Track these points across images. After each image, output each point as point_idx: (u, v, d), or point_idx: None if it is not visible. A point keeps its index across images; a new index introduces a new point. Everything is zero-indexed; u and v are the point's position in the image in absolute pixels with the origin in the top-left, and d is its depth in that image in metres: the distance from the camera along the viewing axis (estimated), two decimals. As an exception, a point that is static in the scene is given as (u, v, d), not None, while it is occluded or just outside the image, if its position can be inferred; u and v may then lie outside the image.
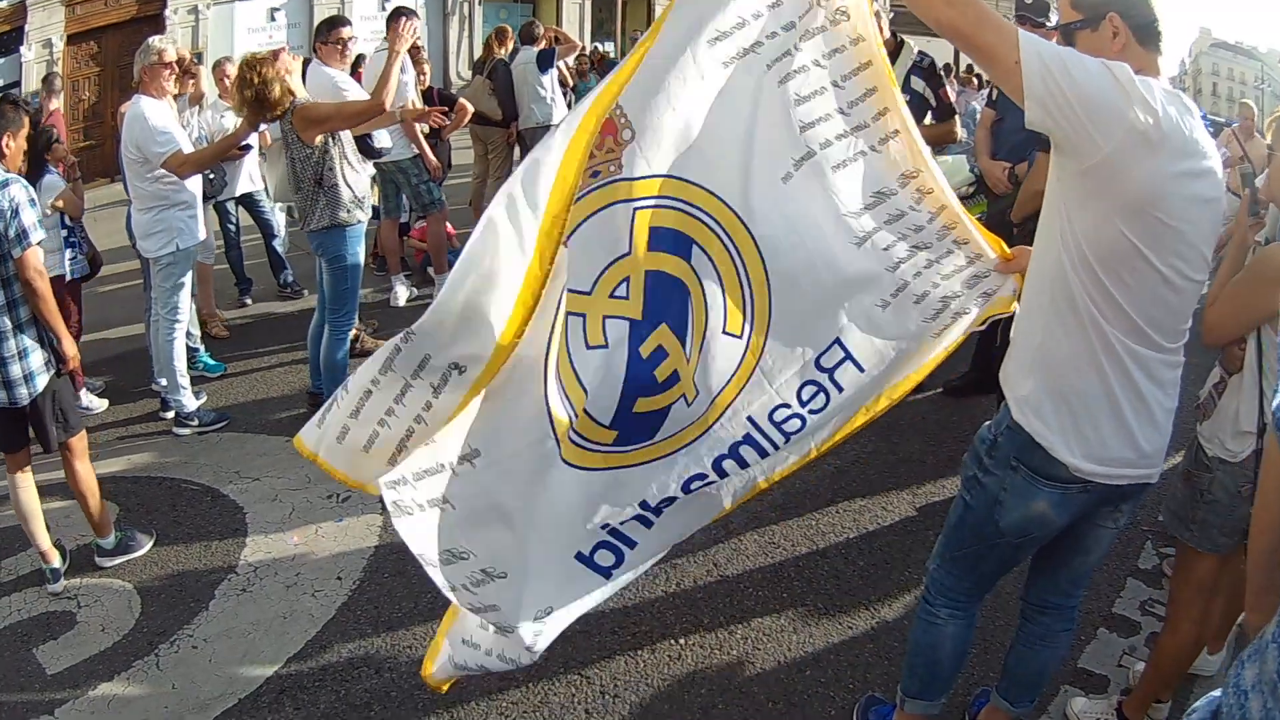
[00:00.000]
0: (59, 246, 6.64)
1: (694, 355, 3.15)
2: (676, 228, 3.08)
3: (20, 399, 4.53)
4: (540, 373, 3.06)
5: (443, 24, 23.99)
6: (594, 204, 3.02)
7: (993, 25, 2.55)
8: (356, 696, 4.14)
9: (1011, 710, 3.62)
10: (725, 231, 3.11)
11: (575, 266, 3.03)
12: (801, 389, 3.29)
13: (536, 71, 10.87)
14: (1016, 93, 2.53)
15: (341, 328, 6.50)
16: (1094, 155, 2.53)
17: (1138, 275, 2.65)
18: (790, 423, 3.31)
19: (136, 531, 5.18)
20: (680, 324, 3.14)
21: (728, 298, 3.14)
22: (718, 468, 3.29)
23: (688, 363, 3.14)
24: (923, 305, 3.32)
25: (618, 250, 3.06)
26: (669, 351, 3.12)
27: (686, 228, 3.10)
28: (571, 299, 3.03)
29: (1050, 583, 3.39)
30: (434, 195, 9.28)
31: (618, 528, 3.28)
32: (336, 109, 6.03)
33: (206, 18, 20.20)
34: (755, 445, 3.31)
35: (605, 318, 3.08)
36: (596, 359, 3.09)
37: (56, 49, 18.25)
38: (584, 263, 3.04)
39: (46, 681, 4.28)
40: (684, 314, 3.14)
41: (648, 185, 3.04)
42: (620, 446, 3.18)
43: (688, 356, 3.14)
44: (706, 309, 3.13)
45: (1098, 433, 2.83)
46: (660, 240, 3.08)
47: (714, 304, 3.13)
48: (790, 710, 4.04)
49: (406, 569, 4.97)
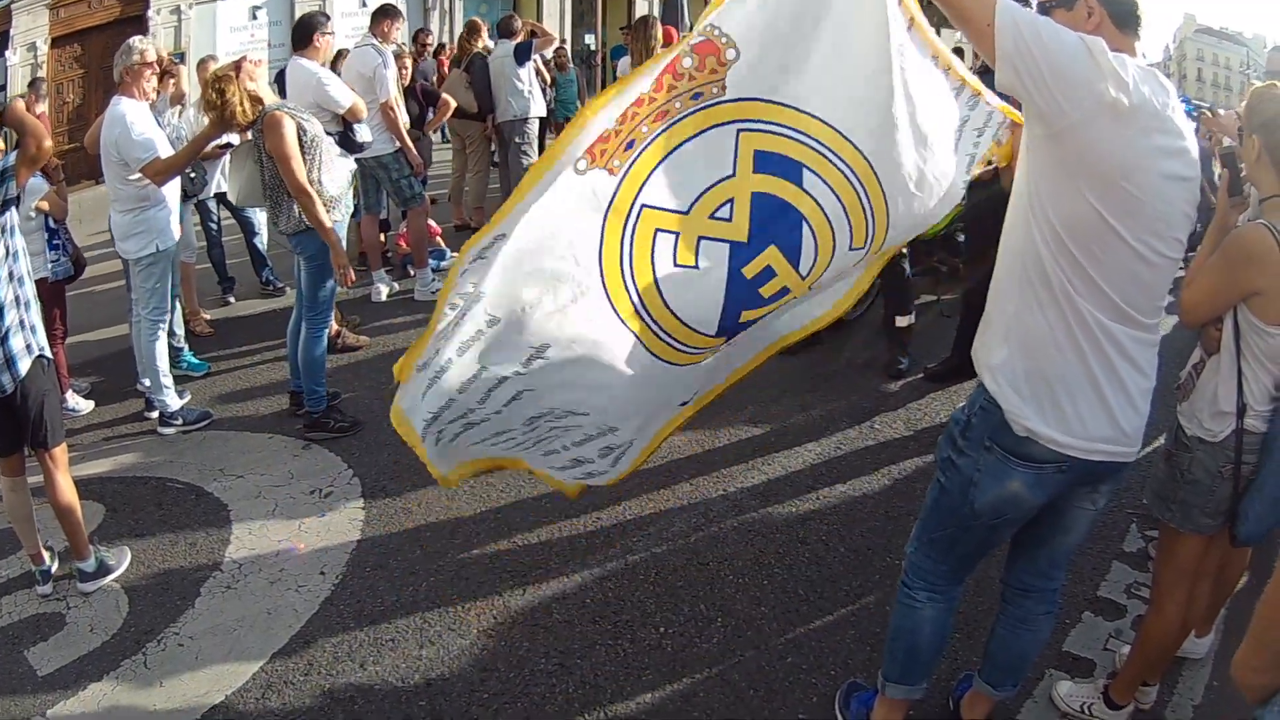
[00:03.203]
0: (43, 248, 6.61)
1: (815, 273, 3.24)
2: (785, 153, 3.12)
3: (4, 386, 4.49)
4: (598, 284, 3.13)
5: (423, 18, 23.96)
6: (697, 125, 3.05)
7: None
8: (341, 690, 4.14)
9: (994, 694, 3.63)
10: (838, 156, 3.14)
11: (670, 185, 3.07)
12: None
13: (514, 65, 10.85)
14: (990, 54, 2.55)
15: (318, 325, 6.49)
16: (1060, 121, 2.54)
17: (1109, 249, 2.65)
18: None
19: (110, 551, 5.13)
20: (792, 246, 3.18)
21: (850, 217, 3.19)
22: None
23: (802, 280, 3.24)
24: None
25: (721, 172, 3.10)
26: (777, 271, 3.19)
27: (796, 153, 3.13)
28: (662, 216, 3.07)
29: (1030, 565, 3.39)
30: (415, 190, 9.28)
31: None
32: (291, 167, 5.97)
33: (189, 17, 20.16)
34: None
35: (701, 239, 3.13)
36: (682, 277, 3.15)
37: (41, 52, 18.22)
38: (682, 181, 3.08)
39: (38, 683, 4.27)
40: (796, 237, 3.17)
41: (753, 107, 3.08)
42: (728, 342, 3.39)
43: (803, 275, 3.21)
44: (832, 230, 3.18)
45: (1074, 408, 2.83)
46: (768, 163, 3.11)
47: (839, 224, 3.18)
48: (772, 697, 4.04)
49: (389, 563, 4.99)
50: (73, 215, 7.26)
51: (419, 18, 23.78)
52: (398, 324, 8.90)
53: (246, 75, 6.02)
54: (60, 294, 7.02)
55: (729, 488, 5.69)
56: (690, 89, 3.01)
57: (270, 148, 5.96)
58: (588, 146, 3.02)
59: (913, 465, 5.94)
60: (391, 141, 8.94)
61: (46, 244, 6.66)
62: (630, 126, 3.02)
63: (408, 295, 9.69)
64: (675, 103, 3.04)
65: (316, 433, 6.54)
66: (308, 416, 6.60)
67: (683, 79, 3.01)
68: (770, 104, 3.08)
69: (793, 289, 3.23)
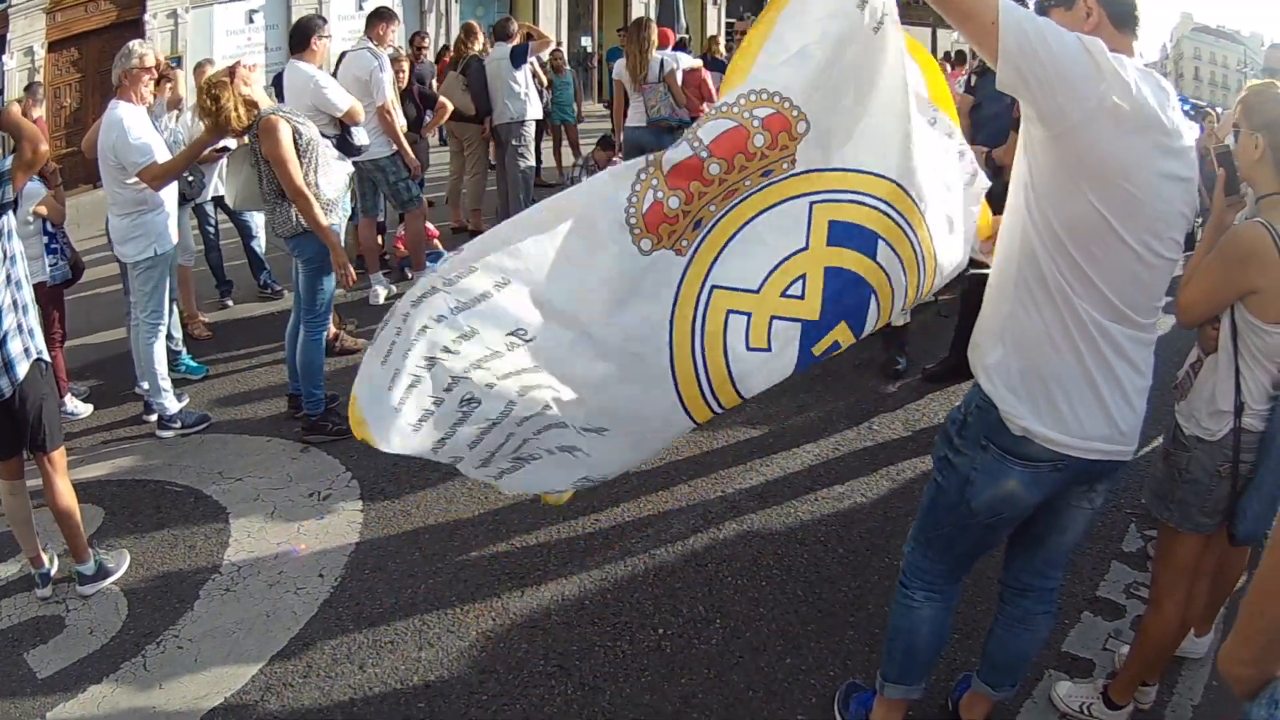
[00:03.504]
0: (41, 252, 6.60)
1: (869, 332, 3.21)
2: (860, 222, 3.04)
3: (3, 390, 4.49)
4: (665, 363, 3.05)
5: (420, 21, 23.96)
6: (767, 200, 2.97)
7: None
8: (340, 692, 4.14)
9: (993, 695, 3.63)
10: (899, 213, 3.09)
11: (741, 263, 2.99)
12: None
13: (510, 68, 10.86)
14: (991, 54, 2.53)
15: (316, 328, 6.50)
16: (1062, 123, 2.53)
17: (1107, 249, 2.65)
18: None
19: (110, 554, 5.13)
20: (859, 321, 3.13)
21: (908, 279, 3.15)
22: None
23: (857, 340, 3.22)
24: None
25: (793, 245, 3.02)
26: (842, 344, 3.14)
27: (871, 222, 3.05)
28: (733, 296, 2.99)
29: (1027, 564, 3.39)
30: (412, 193, 9.28)
31: None
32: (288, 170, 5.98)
33: (186, 21, 20.13)
34: None
35: (774, 318, 3.05)
36: (755, 361, 3.08)
37: (38, 56, 18.18)
38: (752, 259, 3.00)
39: (38, 685, 4.27)
40: (864, 309, 3.12)
41: (823, 178, 3.00)
42: None
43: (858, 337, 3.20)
44: (893, 299, 3.15)
45: (1071, 407, 2.83)
46: (842, 235, 3.03)
47: (899, 289, 3.14)
48: (771, 698, 4.04)
49: (387, 565, 4.99)
50: (71, 219, 7.26)
51: (415, 20, 23.77)
52: (396, 327, 8.81)
53: (241, 80, 6.02)
54: (59, 298, 7.01)
55: (727, 489, 5.70)
56: (761, 167, 2.92)
57: (266, 152, 5.97)
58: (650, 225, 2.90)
59: (911, 466, 5.94)
60: (388, 145, 8.93)
61: (45, 248, 6.65)
62: (698, 205, 2.91)
63: (405, 298, 9.64)
64: (745, 180, 2.95)
65: (315, 435, 6.54)
66: (306, 419, 6.60)
67: (755, 158, 2.90)
68: (837, 172, 3.02)
69: (842, 344, 3.18)
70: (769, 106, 2.83)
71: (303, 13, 18.33)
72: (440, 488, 5.80)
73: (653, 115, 10.13)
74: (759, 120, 2.83)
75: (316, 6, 21.69)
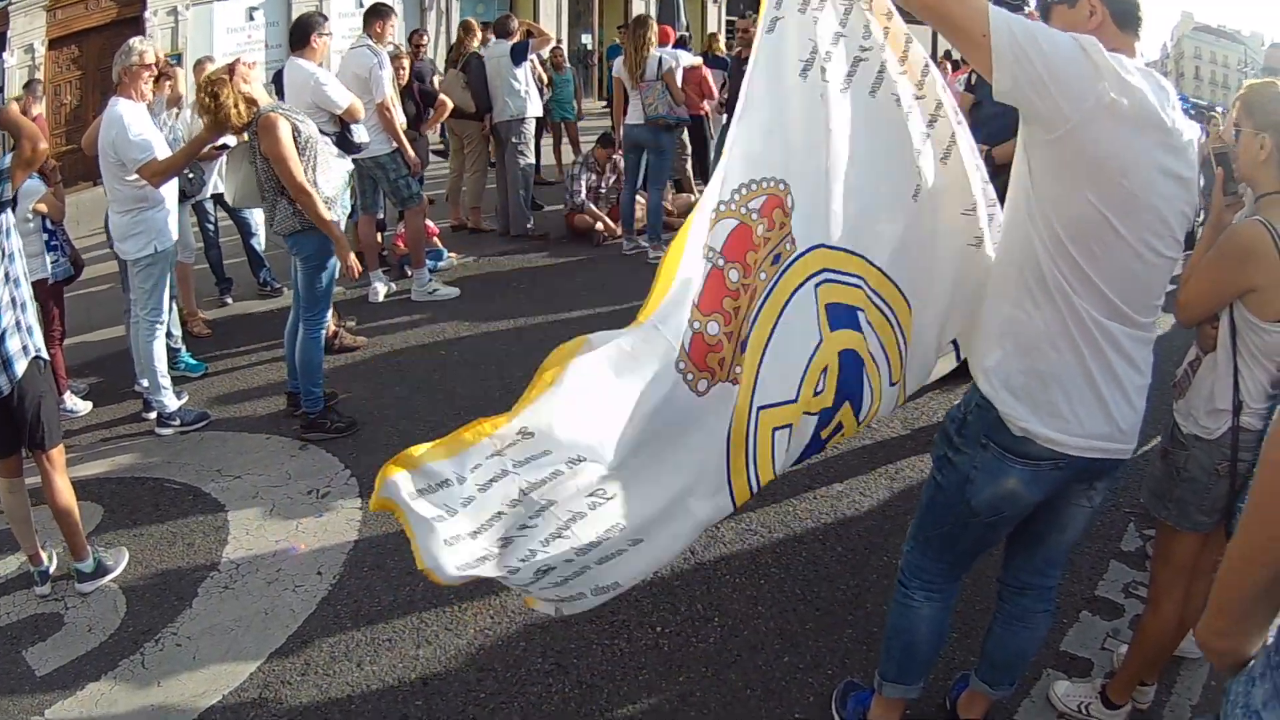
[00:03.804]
0: (41, 250, 6.62)
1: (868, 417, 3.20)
2: (844, 300, 3.02)
3: (1, 388, 4.48)
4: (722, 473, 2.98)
5: (420, 18, 23.95)
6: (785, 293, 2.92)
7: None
8: (337, 690, 4.14)
9: (991, 693, 3.63)
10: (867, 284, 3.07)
11: (778, 378, 2.94)
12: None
13: (510, 65, 10.89)
14: (985, 65, 2.53)
15: (315, 326, 6.50)
16: (1062, 125, 2.53)
17: (1107, 247, 2.65)
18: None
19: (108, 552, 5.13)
20: (858, 399, 3.11)
21: (888, 352, 3.12)
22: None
23: (859, 424, 3.20)
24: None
25: (812, 341, 3.00)
26: (845, 426, 3.13)
27: (849, 297, 3.03)
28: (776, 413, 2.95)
29: (1026, 563, 3.39)
30: (412, 190, 9.28)
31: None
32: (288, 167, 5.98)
33: (186, 18, 20.13)
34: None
35: (805, 414, 3.03)
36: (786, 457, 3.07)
37: (38, 54, 18.19)
38: (785, 370, 2.96)
39: (36, 683, 4.27)
40: (860, 387, 3.11)
41: (817, 258, 2.98)
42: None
43: (860, 420, 3.16)
44: (879, 371, 3.13)
45: (1070, 406, 2.82)
46: (837, 317, 3.01)
47: (881, 365, 3.12)
48: (768, 697, 4.03)
49: (385, 563, 4.99)
50: (70, 216, 7.27)
51: (416, 18, 23.77)
52: (395, 324, 8.91)
53: (240, 78, 6.02)
54: (59, 295, 7.03)
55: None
56: (770, 254, 2.89)
57: (266, 149, 5.97)
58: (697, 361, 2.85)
59: (910, 464, 5.93)
60: (388, 142, 8.94)
61: (44, 245, 6.68)
62: (738, 325, 2.87)
63: (405, 295, 9.70)
64: (760, 274, 2.91)
65: (314, 433, 6.54)
66: (305, 417, 6.60)
67: (760, 248, 2.88)
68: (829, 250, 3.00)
69: (846, 428, 3.18)
70: (761, 195, 2.82)
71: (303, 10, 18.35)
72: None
73: (649, 113, 10.13)
74: (755, 212, 2.82)
75: (317, 4, 21.71)
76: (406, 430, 6.55)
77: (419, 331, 8.68)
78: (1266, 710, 1.61)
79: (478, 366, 7.72)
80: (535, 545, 2.93)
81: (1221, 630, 1.77)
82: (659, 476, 2.94)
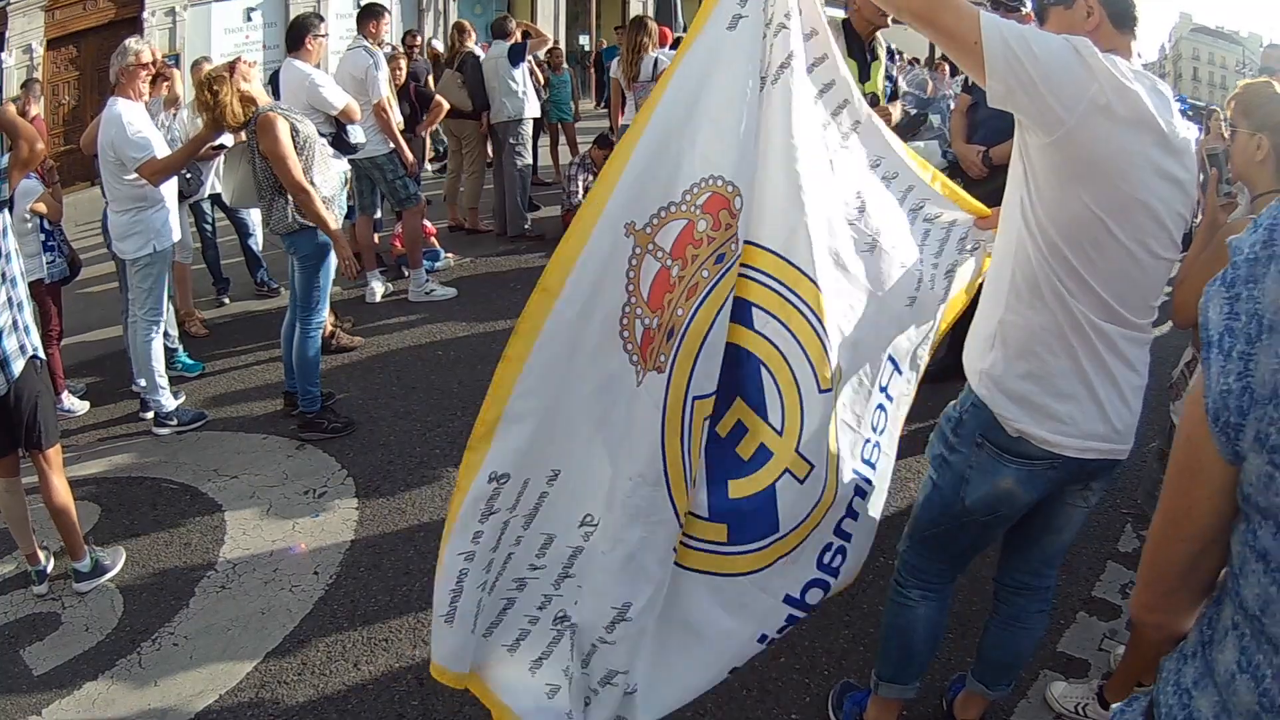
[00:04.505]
0: (38, 250, 6.63)
1: (790, 425, 2.95)
2: (740, 294, 2.88)
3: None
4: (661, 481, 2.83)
5: (417, 18, 23.96)
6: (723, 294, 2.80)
7: (950, 6, 2.55)
8: (334, 690, 4.14)
9: (988, 694, 3.63)
10: (783, 284, 2.92)
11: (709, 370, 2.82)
12: (875, 416, 3.25)
13: (508, 65, 10.88)
14: (978, 72, 2.53)
15: (312, 326, 6.50)
16: (1058, 129, 2.52)
17: (1103, 250, 2.64)
18: (871, 453, 3.26)
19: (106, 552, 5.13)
20: (756, 396, 2.95)
21: (808, 353, 2.93)
22: (839, 532, 3.18)
23: (780, 436, 2.94)
24: (935, 285, 3.34)
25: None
26: (749, 427, 2.95)
27: (744, 291, 2.89)
28: (706, 404, 2.83)
29: (1022, 562, 3.39)
30: (410, 190, 9.29)
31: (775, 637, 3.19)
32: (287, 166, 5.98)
33: (184, 19, 20.14)
34: (861, 492, 3.20)
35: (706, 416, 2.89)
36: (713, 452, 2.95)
37: (36, 54, 18.20)
38: (711, 368, 2.83)
39: (34, 682, 4.28)
40: (758, 385, 2.94)
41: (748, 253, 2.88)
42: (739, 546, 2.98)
43: (778, 429, 2.94)
44: (793, 372, 2.94)
45: (1066, 407, 2.82)
46: (741, 314, 2.90)
47: (798, 364, 2.93)
48: (765, 697, 4.04)
49: (382, 563, 4.99)
50: (68, 217, 7.28)
51: (413, 18, 23.79)
52: (392, 325, 8.91)
53: (241, 76, 6.03)
54: (56, 295, 7.04)
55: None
56: (712, 252, 2.78)
57: (264, 149, 5.97)
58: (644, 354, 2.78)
59: (905, 464, 5.90)
60: (385, 142, 8.95)
61: (42, 245, 6.68)
62: (669, 316, 2.77)
63: (402, 296, 9.70)
64: (702, 272, 2.79)
65: (311, 433, 6.54)
66: (302, 417, 6.61)
67: (702, 244, 2.77)
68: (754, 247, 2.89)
69: (774, 449, 2.94)
70: (706, 192, 2.74)
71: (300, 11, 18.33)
72: (435, 485, 5.80)
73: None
74: (699, 208, 2.74)
75: (314, 5, 21.70)
76: (403, 430, 6.56)
77: (416, 332, 8.69)
78: (1196, 689, 1.61)
79: (475, 367, 7.72)
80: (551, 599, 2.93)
81: (1150, 605, 1.76)
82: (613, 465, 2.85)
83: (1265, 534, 1.43)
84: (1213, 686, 1.58)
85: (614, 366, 2.76)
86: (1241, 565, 1.51)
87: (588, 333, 2.71)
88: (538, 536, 2.83)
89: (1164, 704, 1.69)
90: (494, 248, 11.52)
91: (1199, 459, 1.53)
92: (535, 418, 2.68)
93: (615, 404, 2.79)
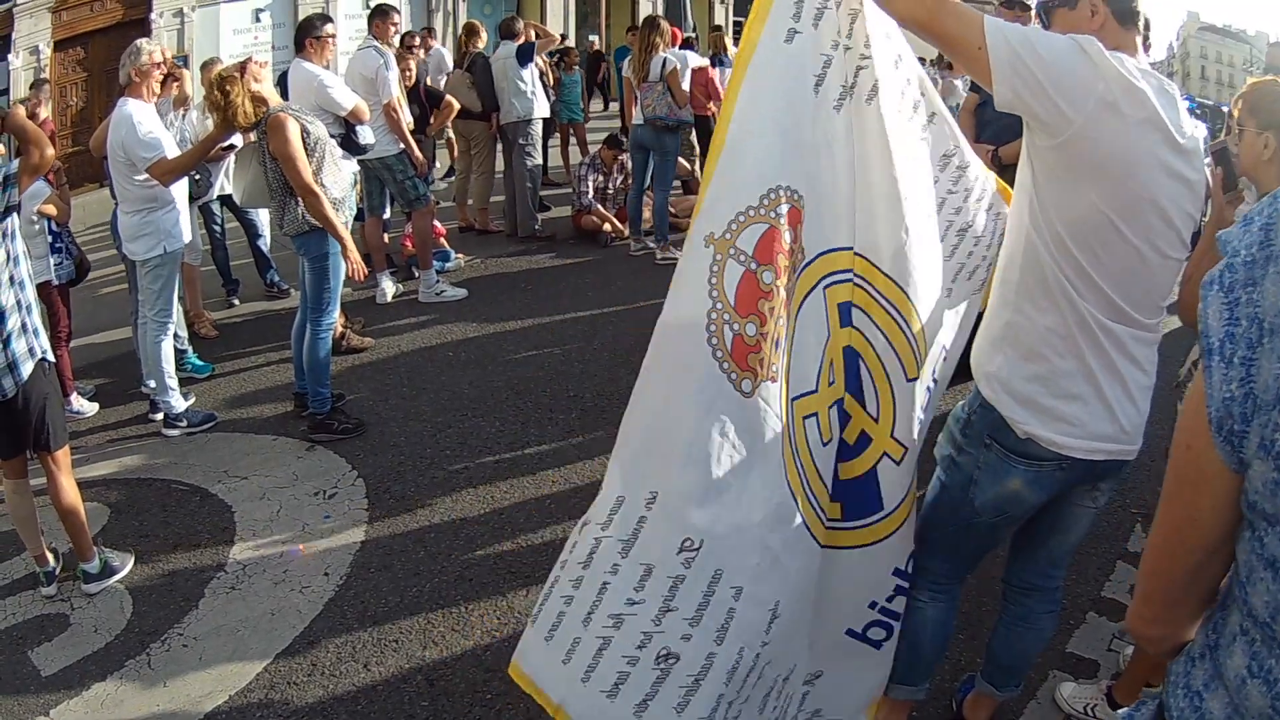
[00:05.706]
0: (46, 252, 6.63)
1: (884, 412, 3.10)
2: (845, 299, 3.01)
3: (6, 390, 4.50)
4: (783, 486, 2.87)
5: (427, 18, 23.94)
6: (798, 299, 2.92)
7: (953, 13, 2.55)
8: (344, 691, 4.15)
9: (997, 695, 3.63)
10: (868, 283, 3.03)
11: (801, 370, 2.93)
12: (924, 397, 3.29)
13: (516, 66, 10.89)
14: (984, 77, 2.53)
15: (322, 327, 6.51)
16: (1065, 130, 2.52)
17: (1111, 249, 2.64)
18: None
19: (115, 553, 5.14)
20: (856, 388, 3.07)
21: (895, 347, 3.07)
22: None
23: (876, 423, 3.10)
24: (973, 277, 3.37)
25: (822, 337, 2.99)
26: (851, 414, 3.07)
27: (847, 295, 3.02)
28: (804, 402, 2.93)
29: (1030, 563, 3.39)
30: (419, 191, 9.31)
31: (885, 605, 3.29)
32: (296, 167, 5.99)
33: (192, 20, 20.11)
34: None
35: (829, 407, 3.01)
36: (829, 452, 3.03)
37: (44, 55, 18.20)
38: (806, 362, 2.95)
39: (42, 683, 4.29)
40: (858, 377, 3.07)
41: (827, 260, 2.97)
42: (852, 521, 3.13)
43: (874, 417, 3.09)
44: (884, 366, 3.07)
45: (1073, 409, 2.81)
46: (843, 315, 3.01)
47: (887, 358, 3.07)
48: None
49: (392, 564, 4.99)
50: (76, 218, 7.28)
51: (423, 19, 23.77)
52: (402, 325, 8.91)
53: (252, 76, 6.05)
54: (64, 296, 7.04)
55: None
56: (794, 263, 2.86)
57: (274, 149, 5.98)
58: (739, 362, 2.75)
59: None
60: (395, 143, 8.97)
61: (50, 247, 6.68)
62: (773, 326, 2.79)
63: (412, 296, 9.70)
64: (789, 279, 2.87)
65: (321, 434, 6.55)
66: (312, 418, 6.61)
67: (793, 255, 2.84)
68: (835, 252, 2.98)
69: (872, 435, 3.09)
70: (785, 203, 2.77)
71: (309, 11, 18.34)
72: (446, 486, 5.80)
73: (647, 114, 10.12)
74: (783, 218, 2.77)
75: (323, 5, 21.69)
76: (414, 431, 6.57)
77: (426, 332, 8.69)
78: (1207, 691, 1.60)
79: (485, 368, 7.71)
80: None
81: (1150, 618, 1.76)
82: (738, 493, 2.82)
83: (1273, 541, 1.42)
84: (1223, 689, 1.57)
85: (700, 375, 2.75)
86: (1248, 573, 1.50)
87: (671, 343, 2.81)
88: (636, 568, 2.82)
89: (1175, 707, 1.68)
90: (504, 248, 11.50)
91: (1201, 468, 1.53)
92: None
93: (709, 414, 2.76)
